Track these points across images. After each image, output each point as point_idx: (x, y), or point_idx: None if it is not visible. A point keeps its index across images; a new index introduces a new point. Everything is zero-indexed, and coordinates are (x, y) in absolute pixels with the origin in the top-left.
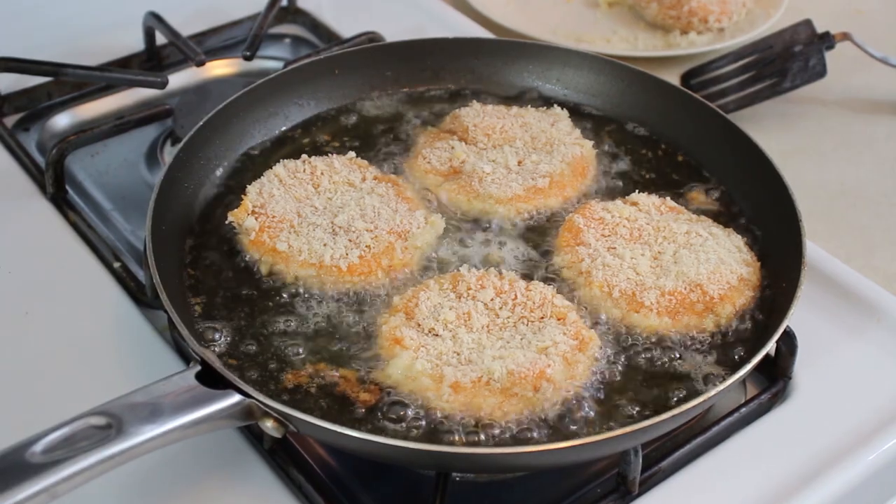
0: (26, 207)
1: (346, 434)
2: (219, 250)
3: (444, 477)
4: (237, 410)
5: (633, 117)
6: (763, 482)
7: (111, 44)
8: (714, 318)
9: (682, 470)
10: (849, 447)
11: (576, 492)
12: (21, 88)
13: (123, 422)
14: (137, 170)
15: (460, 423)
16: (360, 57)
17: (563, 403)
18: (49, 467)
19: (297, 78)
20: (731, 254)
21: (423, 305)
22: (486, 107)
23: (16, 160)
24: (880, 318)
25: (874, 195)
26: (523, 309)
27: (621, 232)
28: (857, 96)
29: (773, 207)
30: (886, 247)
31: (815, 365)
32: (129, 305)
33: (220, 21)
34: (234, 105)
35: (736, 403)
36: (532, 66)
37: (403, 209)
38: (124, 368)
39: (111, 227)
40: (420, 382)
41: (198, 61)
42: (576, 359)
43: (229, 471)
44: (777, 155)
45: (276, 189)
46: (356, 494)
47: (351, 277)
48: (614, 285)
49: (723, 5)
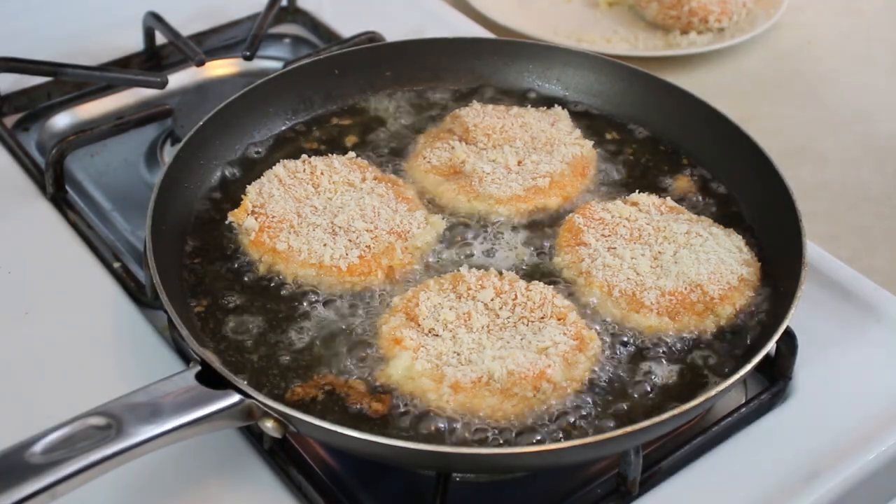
0: (26, 207)
1: (346, 434)
2: (219, 250)
3: (445, 477)
4: (237, 410)
5: (634, 117)
6: (763, 482)
7: (111, 44)
8: (714, 318)
9: (682, 470)
10: (849, 447)
11: (576, 492)
12: (21, 88)
13: (123, 422)
14: (137, 170)
15: (460, 423)
16: (360, 57)
17: (562, 403)
18: (49, 467)
19: (297, 78)
20: (732, 254)
21: (423, 306)
22: (486, 107)
23: (16, 160)
24: (881, 318)
25: (875, 195)
26: (523, 309)
27: (621, 232)
28: (857, 96)
29: (774, 207)
30: (887, 247)
31: (815, 365)
32: (129, 305)
33: (220, 21)
34: (233, 105)
35: (736, 403)
36: (532, 66)
37: (403, 209)
38: (124, 368)
39: (111, 227)
40: (420, 383)
41: (198, 61)
42: (576, 359)
43: (229, 471)
44: (777, 155)
45: (275, 189)
46: (356, 494)
47: (351, 278)
48: (614, 285)
49: (723, 5)
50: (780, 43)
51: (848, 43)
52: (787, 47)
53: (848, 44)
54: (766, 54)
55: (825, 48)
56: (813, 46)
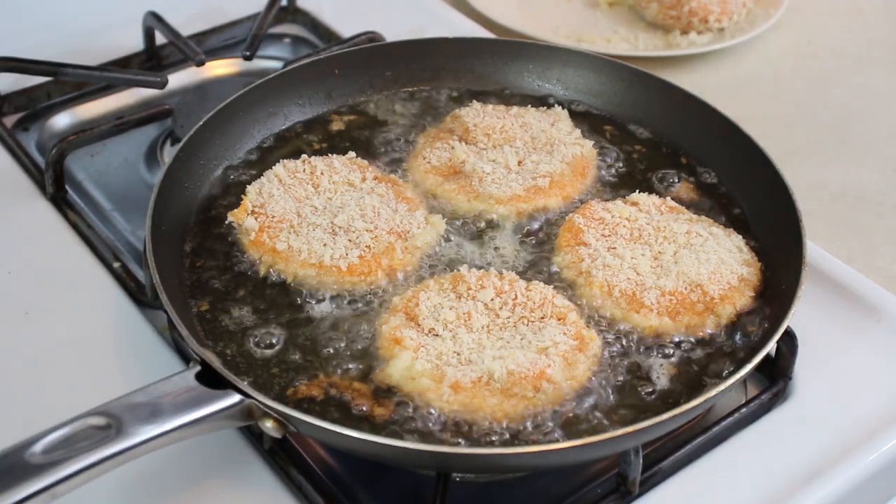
0: (26, 207)
1: (346, 434)
2: (219, 250)
3: (445, 477)
4: (237, 410)
5: (634, 117)
6: (763, 482)
7: (111, 43)
8: (714, 318)
9: (683, 470)
10: (849, 447)
11: (576, 492)
12: (21, 88)
13: (123, 422)
14: (137, 170)
15: (460, 423)
16: (360, 57)
17: (563, 403)
18: (49, 467)
19: (297, 78)
20: (732, 254)
21: (423, 305)
22: (486, 107)
23: (15, 160)
24: (881, 318)
25: (875, 195)
26: (523, 309)
27: (621, 232)
28: (857, 96)
29: (774, 207)
30: (888, 247)
31: (815, 365)
32: (128, 305)
33: (220, 21)
34: (233, 105)
35: (736, 404)
36: (532, 66)
37: (403, 209)
38: (124, 368)
39: (111, 227)
40: (420, 383)
41: (197, 61)
42: (576, 359)
43: (229, 471)
44: (777, 155)
45: (275, 189)
46: (356, 494)
47: (351, 278)
48: (614, 285)
49: (723, 5)
50: (780, 43)
51: (848, 43)
52: (787, 47)
53: (848, 44)
54: (766, 54)
55: (825, 48)
56: (813, 46)
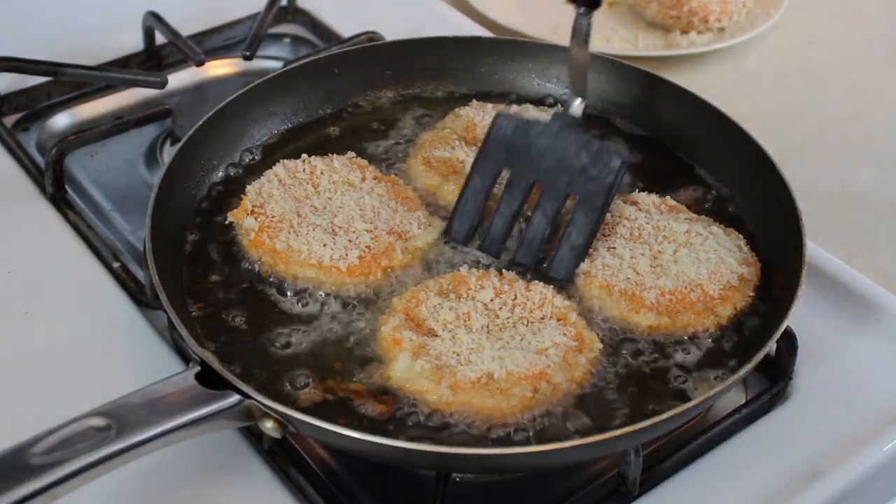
0: (26, 207)
1: (346, 434)
2: (218, 250)
3: (444, 477)
4: (237, 411)
5: (633, 116)
6: (763, 482)
7: (111, 43)
8: (714, 317)
9: (683, 470)
10: (849, 447)
11: (576, 492)
12: (20, 88)
13: (123, 423)
14: (137, 170)
15: (460, 423)
16: (359, 57)
17: (562, 403)
18: (48, 468)
19: (297, 77)
20: (731, 253)
21: (423, 306)
22: (485, 106)
23: (15, 160)
24: (881, 318)
25: (875, 195)
26: (523, 309)
27: (621, 231)
28: (857, 96)
29: (774, 207)
30: (888, 247)
31: (815, 365)
32: (128, 306)
33: (220, 21)
34: (233, 105)
35: (736, 404)
36: (532, 66)
37: (403, 209)
38: (124, 368)
39: (111, 227)
40: (419, 383)
41: (197, 61)
42: (576, 359)
43: (229, 471)
44: (777, 155)
45: (275, 189)
46: (356, 494)
47: (350, 278)
48: (614, 285)
49: (723, 5)
50: (780, 43)
51: (848, 43)
52: (787, 47)
53: (848, 44)
54: (766, 54)
55: (825, 48)
56: (813, 46)
